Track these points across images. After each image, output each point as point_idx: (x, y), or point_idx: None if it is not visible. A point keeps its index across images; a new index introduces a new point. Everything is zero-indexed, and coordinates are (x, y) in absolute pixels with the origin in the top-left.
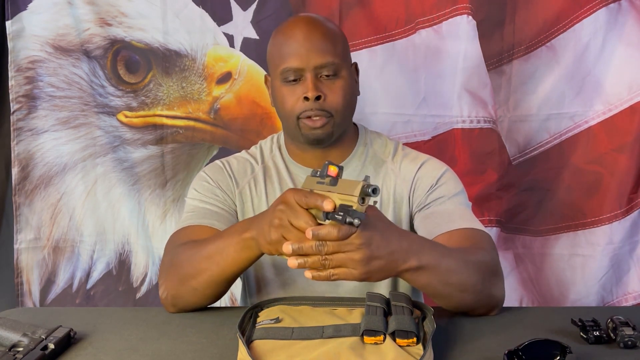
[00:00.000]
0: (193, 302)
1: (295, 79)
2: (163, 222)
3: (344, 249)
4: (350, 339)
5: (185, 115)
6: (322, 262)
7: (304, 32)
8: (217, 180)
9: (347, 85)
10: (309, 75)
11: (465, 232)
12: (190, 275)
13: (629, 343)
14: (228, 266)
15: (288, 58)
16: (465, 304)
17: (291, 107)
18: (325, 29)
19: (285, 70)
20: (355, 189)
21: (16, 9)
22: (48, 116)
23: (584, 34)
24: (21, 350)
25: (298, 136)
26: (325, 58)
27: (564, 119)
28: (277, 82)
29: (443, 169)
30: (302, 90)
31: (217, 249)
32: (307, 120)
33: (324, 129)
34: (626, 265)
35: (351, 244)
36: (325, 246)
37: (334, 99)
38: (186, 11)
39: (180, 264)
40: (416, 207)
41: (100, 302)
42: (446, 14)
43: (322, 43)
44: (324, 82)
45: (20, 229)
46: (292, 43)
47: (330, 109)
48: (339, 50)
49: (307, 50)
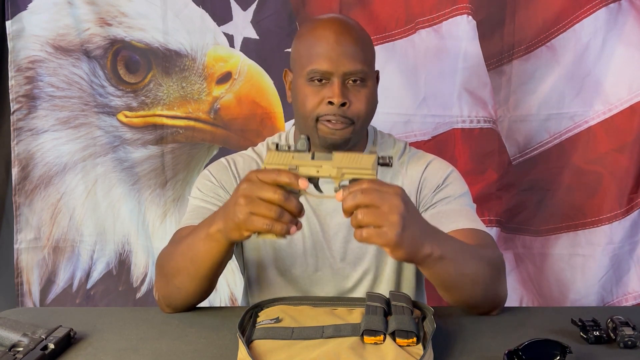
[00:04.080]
0: (181, 301)
1: (320, 80)
2: (163, 222)
3: (381, 204)
4: (350, 339)
5: (185, 115)
6: (358, 213)
7: (337, 35)
8: (220, 180)
9: (372, 95)
10: (336, 80)
11: (469, 232)
12: (171, 274)
13: (629, 343)
14: (201, 262)
15: (317, 59)
16: (474, 299)
17: (312, 108)
18: (357, 34)
19: (313, 71)
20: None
21: (16, 9)
22: (48, 116)
23: (584, 34)
24: (21, 350)
25: (314, 137)
26: (356, 65)
27: (564, 119)
28: (301, 80)
29: (449, 169)
30: (328, 93)
31: (188, 246)
32: (327, 123)
33: (343, 133)
34: (626, 265)
35: (390, 200)
36: (364, 193)
37: (358, 107)
38: (186, 11)
39: (163, 263)
40: (422, 206)
41: (100, 302)
42: (446, 14)
43: (353, 49)
44: (350, 89)
45: (20, 229)
46: (323, 45)
47: (353, 117)
48: (369, 58)
49: (338, 54)
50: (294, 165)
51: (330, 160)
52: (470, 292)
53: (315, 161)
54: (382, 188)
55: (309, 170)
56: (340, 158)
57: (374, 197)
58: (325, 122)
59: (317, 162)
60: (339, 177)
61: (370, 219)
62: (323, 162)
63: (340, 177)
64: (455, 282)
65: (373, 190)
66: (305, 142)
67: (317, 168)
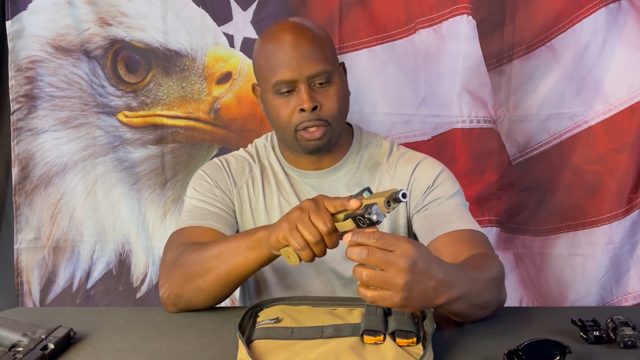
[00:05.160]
0: (196, 302)
1: (288, 91)
2: (163, 222)
3: (387, 268)
4: (350, 339)
5: (185, 115)
6: (365, 276)
7: (292, 41)
8: (216, 179)
9: (340, 90)
10: (302, 86)
11: (465, 233)
12: (197, 274)
13: (629, 343)
14: (237, 265)
15: (279, 70)
16: (482, 317)
17: (287, 119)
18: (312, 35)
19: (277, 83)
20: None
21: (16, 9)
22: (48, 116)
23: (584, 34)
24: (21, 350)
25: (296, 147)
26: (318, 67)
27: (564, 119)
28: (269, 94)
29: (439, 169)
30: (297, 101)
31: (227, 248)
32: (305, 132)
33: (323, 139)
34: (626, 265)
35: (396, 264)
36: (370, 255)
37: (329, 106)
38: (186, 11)
39: (187, 263)
40: (414, 208)
41: (100, 302)
42: (446, 14)
43: (312, 51)
44: (318, 91)
45: (20, 229)
46: (281, 54)
47: (327, 117)
48: (329, 55)
49: (297, 61)
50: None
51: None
52: (479, 315)
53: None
54: (389, 246)
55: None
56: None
57: (379, 260)
58: (303, 132)
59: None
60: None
61: (376, 283)
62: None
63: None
64: (466, 313)
65: (378, 252)
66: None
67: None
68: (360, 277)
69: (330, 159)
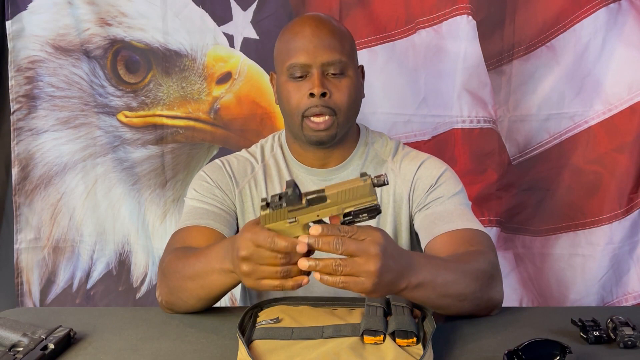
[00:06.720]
0: (185, 309)
1: (301, 76)
2: (163, 222)
3: (359, 255)
4: (350, 339)
5: (185, 115)
6: (335, 267)
7: (312, 28)
8: (216, 180)
9: (353, 85)
10: (315, 71)
11: (464, 232)
12: (177, 289)
13: (629, 343)
14: (213, 289)
15: (295, 54)
16: (464, 311)
17: (296, 104)
18: (333, 27)
19: (291, 66)
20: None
21: (16, 9)
22: (48, 116)
23: (584, 34)
24: (21, 350)
25: (300, 135)
26: (333, 55)
27: (564, 119)
28: (283, 77)
29: (443, 168)
30: (308, 86)
31: (200, 272)
32: (310, 122)
33: (328, 131)
34: (626, 265)
35: (367, 251)
36: (342, 245)
37: (339, 96)
38: (186, 11)
39: (169, 275)
40: (416, 207)
41: (100, 302)
42: (446, 14)
43: (330, 40)
44: (331, 80)
45: (20, 229)
46: (299, 39)
47: (335, 107)
48: (347, 49)
49: (314, 46)
50: (293, 218)
51: (326, 202)
52: (457, 308)
53: (312, 207)
54: (359, 235)
55: (309, 218)
56: (335, 195)
57: (353, 249)
58: (309, 120)
59: (315, 208)
60: (341, 213)
61: (348, 271)
62: (320, 206)
63: (342, 212)
64: (438, 304)
65: (350, 241)
66: (294, 190)
67: (317, 213)
68: (330, 268)
69: (337, 157)
